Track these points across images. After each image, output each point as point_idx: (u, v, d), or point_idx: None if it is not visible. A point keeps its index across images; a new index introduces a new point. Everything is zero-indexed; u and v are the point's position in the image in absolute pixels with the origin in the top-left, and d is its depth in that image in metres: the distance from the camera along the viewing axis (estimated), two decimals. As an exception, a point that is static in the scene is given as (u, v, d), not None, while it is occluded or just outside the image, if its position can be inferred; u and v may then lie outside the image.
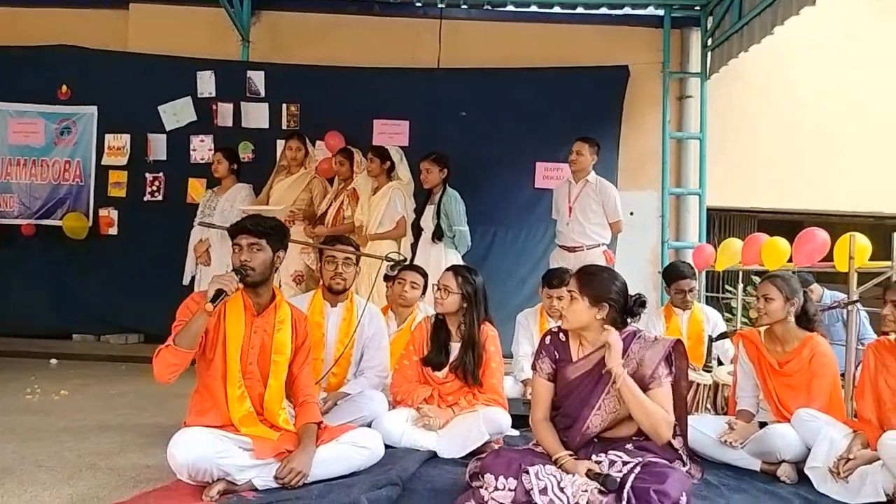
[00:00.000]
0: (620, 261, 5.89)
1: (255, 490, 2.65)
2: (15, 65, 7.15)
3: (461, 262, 5.22)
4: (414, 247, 5.51)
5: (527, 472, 2.44)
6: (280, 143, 6.56)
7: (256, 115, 7.19)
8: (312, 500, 2.56)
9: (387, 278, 4.38)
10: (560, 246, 5.57)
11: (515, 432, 3.62)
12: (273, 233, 2.88)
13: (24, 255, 7.14)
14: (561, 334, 2.81)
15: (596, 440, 2.68)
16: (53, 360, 5.78)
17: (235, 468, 2.63)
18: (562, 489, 2.42)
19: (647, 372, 2.62)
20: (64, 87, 7.18)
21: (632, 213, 7.02)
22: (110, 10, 7.64)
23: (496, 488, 2.44)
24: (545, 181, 7.06)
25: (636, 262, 7.01)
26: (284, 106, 7.22)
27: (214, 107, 7.17)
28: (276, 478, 2.64)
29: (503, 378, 3.65)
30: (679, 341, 2.75)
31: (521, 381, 4.40)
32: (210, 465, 2.59)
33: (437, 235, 5.31)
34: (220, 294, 2.64)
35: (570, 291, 2.75)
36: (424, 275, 4.24)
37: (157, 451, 3.22)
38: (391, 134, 7.09)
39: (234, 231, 2.88)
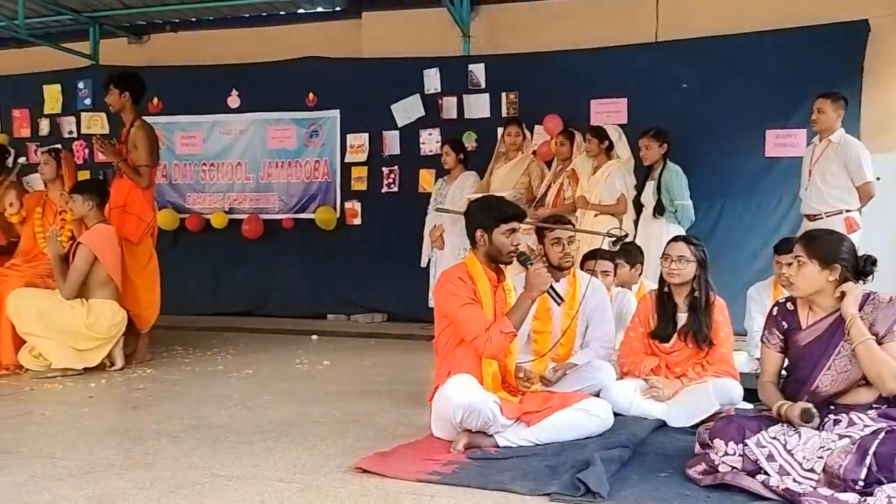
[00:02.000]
0: (863, 230, 5.51)
1: (496, 446, 2.94)
2: (269, 78, 8.09)
3: (684, 237, 5.23)
4: (636, 223, 5.57)
5: (746, 444, 2.47)
6: (500, 131, 6.88)
7: (478, 106, 7.57)
8: (548, 457, 2.80)
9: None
10: (803, 215, 5.34)
11: (748, 405, 3.59)
12: None
13: (284, 245, 8.11)
14: (788, 303, 2.80)
15: (833, 406, 2.64)
16: (314, 336, 6.55)
17: (491, 417, 2.91)
18: (790, 452, 2.44)
19: (879, 330, 2.57)
20: (311, 95, 8.02)
21: (878, 178, 6.49)
22: (345, 21, 8.40)
23: (726, 453, 2.51)
24: (776, 149, 6.74)
25: (883, 232, 6.46)
26: (504, 94, 7.52)
27: (440, 101, 7.65)
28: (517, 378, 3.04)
29: (733, 348, 3.64)
30: (922, 301, 2.63)
31: (756, 358, 4.31)
32: (483, 407, 2.87)
33: (659, 210, 5.34)
34: (552, 287, 3.05)
35: (797, 257, 2.73)
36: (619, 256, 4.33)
37: (408, 411, 3.65)
38: (609, 112, 7.11)
39: (512, 217, 3.15)
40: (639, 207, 5.58)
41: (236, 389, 4.31)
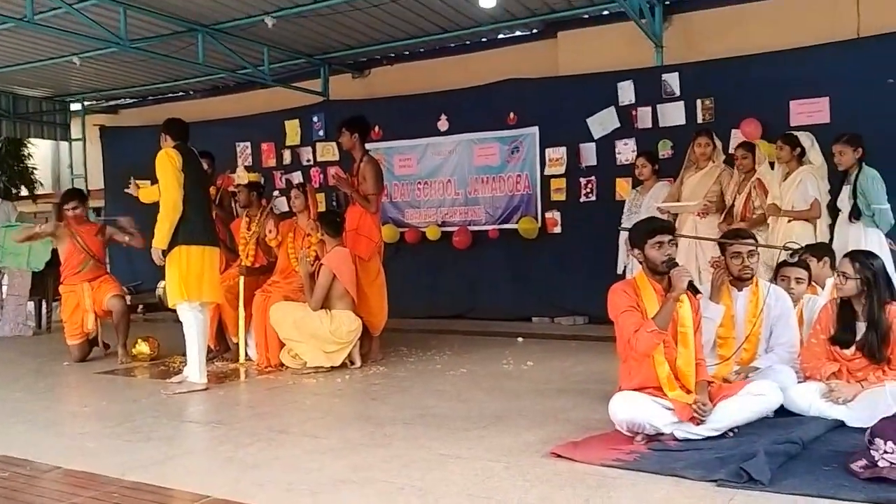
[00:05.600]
0: None
1: (676, 439, 3.36)
2: (474, 101, 8.83)
3: (882, 241, 5.26)
4: (831, 228, 5.60)
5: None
6: (696, 139, 7.05)
7: (672, 114, 7.75)
8: (722, 450, 3.17)
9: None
10: None
11: (934, 408, 3.67)
12: None
13: (490, 254, 8.79)
14: None
15: None
16: (520, 338, 7.16)
17: (661, 424, 3.38)
18: (955, 454, 2.64)
19: None
20: (511, 114, 8.64)
21: None
22: (542, 41, 8.94)
23: (885, 451, 2.76)
24: None
25: None
26: (699, 101, 7.64)
27: (634, 112, 7.94)
28: (695, 410, 3.33)
29: (915, 356, 3.72)
30: None
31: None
32: (641, 421, 3.37)
33: (855, 215, 5.35)
34: (691, 283, 3.44)
35: None
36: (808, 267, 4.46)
37: (600, 407, 4.08)
38: (809, 113, 7.03)
39: (657, 231, 3.55)
40: (835, 212, 5.59)
41: (453, 385, 5.02)
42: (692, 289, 3.47)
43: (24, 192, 13.74)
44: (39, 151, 13.92)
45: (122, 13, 7.64)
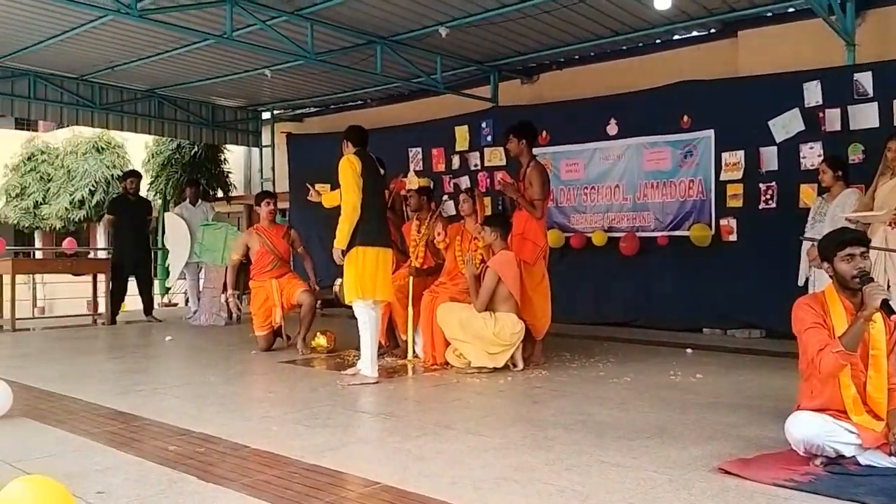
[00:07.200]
0: None
1: (858, 465, 3.14)
2: (645, 104, 8.65)
3: None
4: None
5: None
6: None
7: (865, 116, 7.20)
8: (911, 481, 2.94)
9: None
10: None
11: None
12: None
13: (659, 261, 8.58)
14: None
15: None
16: (689, 350, 6.92)
17: (843, 447, 3.17)
18: None
19: None
20: (685, 117, 8.38)
21: None
22: (720, 41, 8.63)
23: None
24: None
25: None
26: (895, 102, 7.07)
27: (821, 114, 7.45)
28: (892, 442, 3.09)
29: None
30: None
31: None
32: (821, 442, 3.18)
33: None
34: (885, 302, 3.18)
35: None
36: None
37: (774, 426, 3.90)
38: None
39: (847, 243, 3.31)
40: None
41: (616, 393, 4.96)
42: (887, 308, 3.18)
43: (220, 193, 15.01)
44: (234, 157, 15.14)
45: (309, 28, 8.21)
